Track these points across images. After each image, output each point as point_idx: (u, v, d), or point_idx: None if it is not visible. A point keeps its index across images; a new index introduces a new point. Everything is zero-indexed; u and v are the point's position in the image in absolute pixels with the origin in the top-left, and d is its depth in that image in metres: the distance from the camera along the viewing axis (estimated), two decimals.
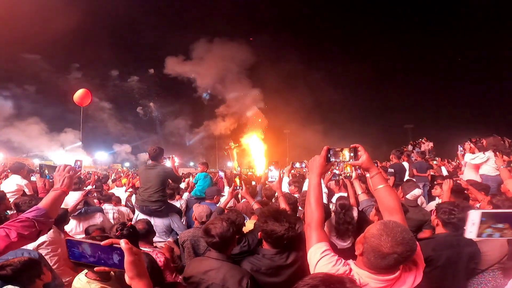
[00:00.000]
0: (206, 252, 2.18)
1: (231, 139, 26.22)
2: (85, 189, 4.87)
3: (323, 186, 3.34)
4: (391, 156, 7.01)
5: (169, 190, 4.91)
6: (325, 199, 3.89)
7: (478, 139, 6.39)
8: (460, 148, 6.74)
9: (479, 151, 5.43)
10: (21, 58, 27.29)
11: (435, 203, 3.72)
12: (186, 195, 6.12)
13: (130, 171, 13.72)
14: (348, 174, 5.48)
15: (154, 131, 35.87)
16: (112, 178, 10.06)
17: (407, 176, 6.65)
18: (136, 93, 35.68)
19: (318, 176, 1.57)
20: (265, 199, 4.43)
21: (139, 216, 4.27)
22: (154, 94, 36.50)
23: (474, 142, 6.04)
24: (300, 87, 29.77)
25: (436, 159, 10.69)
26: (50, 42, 25.63)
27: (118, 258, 0.94)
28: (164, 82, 33.56)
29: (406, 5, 33.60)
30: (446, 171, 7.83)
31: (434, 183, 4.97)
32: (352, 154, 1.53)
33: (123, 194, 6.45)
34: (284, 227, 1.96)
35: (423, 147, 16.42)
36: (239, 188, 3.37)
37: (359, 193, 3.36)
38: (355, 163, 1.54)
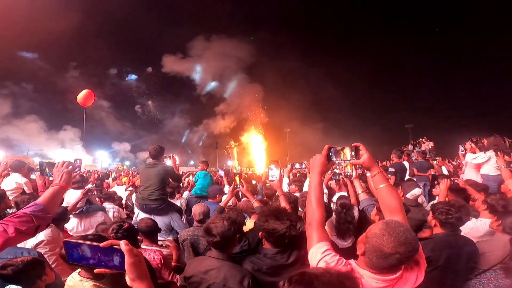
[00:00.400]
0: (207, 251, 2.18)
1: (231, 138, 26.22)
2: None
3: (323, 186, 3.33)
4: (391, 155, 6.99)
5: (169, 189, 4.91)
6: (325, 199, 3.88)
7: (478, 138, 6.38)
8: (461, 148, 6.73)
9: (480, 150, 5.42)
10: (18, 56, 27.20)
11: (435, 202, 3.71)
12: (186, 193, 6.12)
13: (131, 170, 13.70)
14: (348, 173, 5.48)
15: (153, 129, 35.70)
16: (112, 177, 10.06)
17: (407, 176, 6.65)
18: (135, 91, 35.51)
19: (319, 175, 1.56)
20: (265, 199, 4.42)
21: (139, 214, 4.27)
22: (153, 93, 36.30)
23: (474, 142, 6.03)
24: (300, 85, 29.81)
25: (437, 158, 10.68)
26: (47, 40, 25.47)
27: (119, 260, 0.92)
28: (163, 80, 33.40)
29: (407, 4, 33.56)
30: (446, 171, 7.82)
31: (435, 182, 4.96)
32: (353, 153, 1.52)
33: (123, 192, 6.45)
34: (285, 225, 1.95)
35: (423, 147, 16.42)
36: (239, 187, 3.36)
37: (359, 192, 3.35)
38: (357, 162, 1.52)
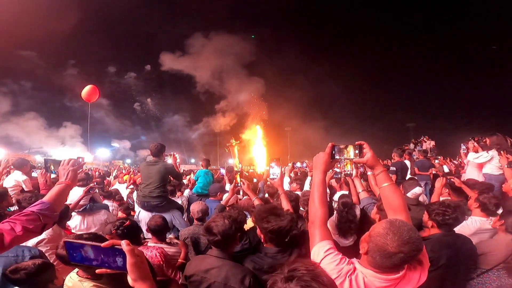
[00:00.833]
0: (207, 250, 2.17)
1: (232, 136, 26.18)
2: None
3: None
4: (393, 154, 6.97)
5: (170, 187, 4.92)
6: None
7: (480, 137, 6.34)
8: (463, 147, 6.70)
9: (483, 150, 5.41)
10: (17, 54, 27.14)
11: None
12: (187, 191, 6.13)
13: (132, 168, 13.73)
14: (348, 172, 5.46)
15: (152, 128, 35.61)
16: (113, 175, 10.07)
17: (409, 175, 6.63)
18: (134, 89, 35.37)
19: (322, 173, 1.54)
20: (267, 197, 4.42)
21: (140, 212, 4.28)
22: (152, 91, 36.12)
23: (476, 141, 6.00)
24: (301, 83, 29.66)
25: (438, 157, 10.65)
26: (45, 38, 25.45)
27: (121, 260, 0.90)
28: (162, 78, 33.23)
29: (410, 3, 33.40)
30: (448, 170, 7.81)
31: (435, 181, 4.94)
32: (357, 151, 1.50)
33: (124, 190, 6.46)
34: (287, 219, 1.96)
35: (424, 146, 16.37)
36: (240, 185, 3.36)
37: (360, 191, 3.34)
38: (360, 161, 1.51)
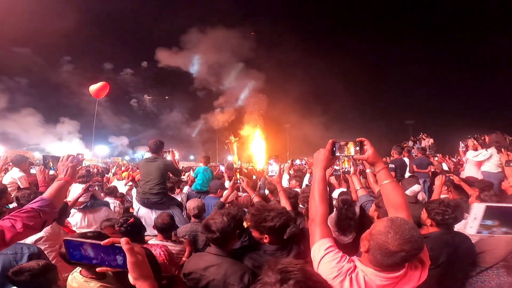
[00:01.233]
0: (206, 247, 2.16)
1: (231, 133, 26.10)
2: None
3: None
4: (392, 151, 6.98)
5: (169, 184, 4.91)
6: None
7: (479, 135, 6.36)
8: (462, 145, 6.71)
9: (482, 147, 5.42)
10: (11, 52, 26.73)
11: None
12: (186, 188, 6.13)
13: (131, 165, 13.71)
14: (346, 169, 5.46)
15: (150, 124, 35.31)
16: (113, 171, 10.06)
17: (407, 172, 6.64)
18: (131, 86, 34.99)
19: (323, 170, 1.53)
20: (268, 194, 4.42)
21: (140, 209, 4.28)
22: (149, 87, 35.69)
23: (475, 139, 6.02)
24: (300, 79, 29.42)
25: (437, 155, 10.66)
26: (40, 36, 25.20)
27: (122, 259, 0.89)
28: (159, 74, 32.73)
29: (409, 0, 33.32)
30: (447, 167, 7.81)
31: (435, 179, 4.95)
32: (357, 148, 1.49)
33: (123, 187, 6.46)
34: (281, 210, 2.05)
35: (423, 143, 16.38)
36: (239, 182, 3.36)
37: (357, 188, 3.34)
38: (361, 157, 1.50)
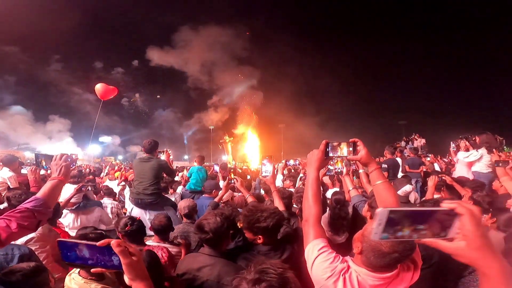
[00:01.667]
0: (198, 248, 2.16)
1: (225, 133, 26.06)
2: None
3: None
4: (385, 151, 7.04)
5: (163, 184, 4.87)
6: None
7: (469, 136, 6.45)
8: (453, 145, 6.80)
9: (473, 148, 5.50)
10: None
11: None
12: (180, 188, 6.10)
13: (123, 164, 13.58)
14: (339, 170, 5.49)
15: (143, 123, 34.84)
16: (106, 171, 9.97)
17: (400, 172, 6.71)
18: (122, 85, 34.46)
19: (316, 171, 1.53)
20: (263, 194, 4.42)
21: (133, 209, 4.25)
22: (140, 86, 35.13)
23: (467, 139, 6.10)
24: (294, 78, 29.53)
25: (429, 155, 10.79)
26: (28, 34, 24.76)
27: (118, 259, 0.88)
28: (150, 73, 32.35)
29: (404, 2, 33.65)
30: (438, 168, 7.92)
31: (427, 179, 5.02)
32: (351, 149, 1.50)
33: (115, 187, 6.40)
34: (273, 209, 2.07)
35: (415, 143, 16.57)
36: (233, 182, 3.36)
37: (350, 188, 3.37)
38: (354, 158, 1.50)
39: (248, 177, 9.49)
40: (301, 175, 5.85)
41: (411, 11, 34.01)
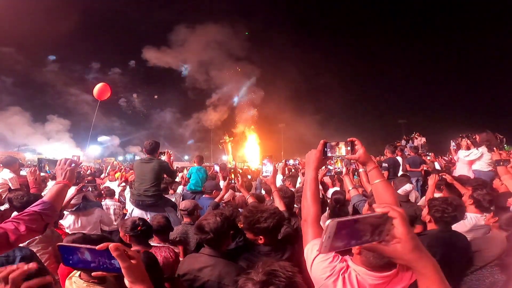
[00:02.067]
0: (198, 249, 2.17)
1: (225, 132, 26.00)
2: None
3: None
4: (385, 150, 7.04)
5: (163, 185, 4.88)
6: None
7: (469, 134, 6.45)
8: (453, 144, 6.80)
9: (474, 146, 5.51)
10: None
11: None
12: (180, 188, 6.10)
13: (123, 165, 13.55)
14: (339, 170, 5.50)
15: (142, 124, 34.52)
16: (107, 172, 9.96)
17: (400, 171, 6.71)
18: (120, 86, 33.97)
19: (315, 171, 1.53)
20: (263, 194, 4.43)
21: (134, 210, 4.25)
22: (137, 86, 34.52)
23: (467, 137, 6.10)
24: (294, 79, 29.43)
25: (429, 154, 10.78)
26: (25, 35, 24.60)
27: (118, 262, 0.88)
28: (148, 73, 31.85)
29: (403, 1, 33.62)
30: (439, 166, 7.91)
31: (427, 178, 5.01)
32: (349, 148, 1.50)
33: (116, 188, 6.41)
34: (273, 209, 2.05)
35: (416, 142, 16.54)
36: (234, 182, 3.36)
37: (350, 188, 3.37)
38: (352, 157, 1.50)
39: (249, 177, 9.49)
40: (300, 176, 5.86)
41: (411, 10, 34.00)
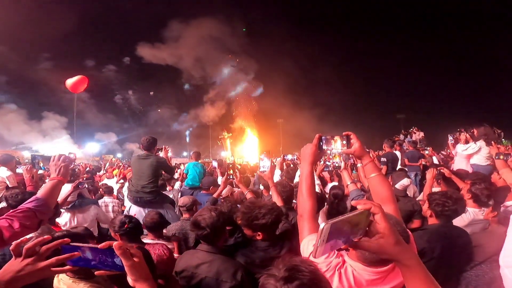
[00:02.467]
0: (198, 245, 2.16)
1: (223, 129, 25.97)
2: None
3: (315, 177, 3.32)
4: (384, 145, 7.03)
5: (160, 181, 4.86)
6: (317, 189, 3.87)
7: (467, 128, 6.45)
8: (450, 138, 6.80)
9: (471, 140, 5.51)
10: None
11: None
12: (178, 184, 6.09)
13: (122, 162, 13.51)
14: (337, 164, 5.49)
15: (138, 121, 34.22)
16: (105, 169, 9.94)
17: (399, 165, 6.71)
18: (115, 83, 33.39)
19: (310, 165, 1.53)
20: (262, 189, 4.41)
21: (131, 207, 4.23)
22: (133, 83, 34.05)
23: (466, 131, 6.10)
24: (292, 74, 29.31)
25: (428, 148, 10.79)
26: (18, 32, 24.19)
27: (120, 261, 0.88)
28: (143, 70, 31.56)
29: None
30: (437, 161, 7.92)
31: (426, 172, 5.01)
32: (344, 142, 1.49)
33: (114, 185, 6.39)
34: (272, 206, 2.05)
35: (414, 137, 16.55)
36: (232, 178, 3.34)
37: (348, 183, 3.36)
38: (348, 151, 1.49)
39: (249, 176, 9.47)
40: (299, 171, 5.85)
41: (409, 5, 33.80)
